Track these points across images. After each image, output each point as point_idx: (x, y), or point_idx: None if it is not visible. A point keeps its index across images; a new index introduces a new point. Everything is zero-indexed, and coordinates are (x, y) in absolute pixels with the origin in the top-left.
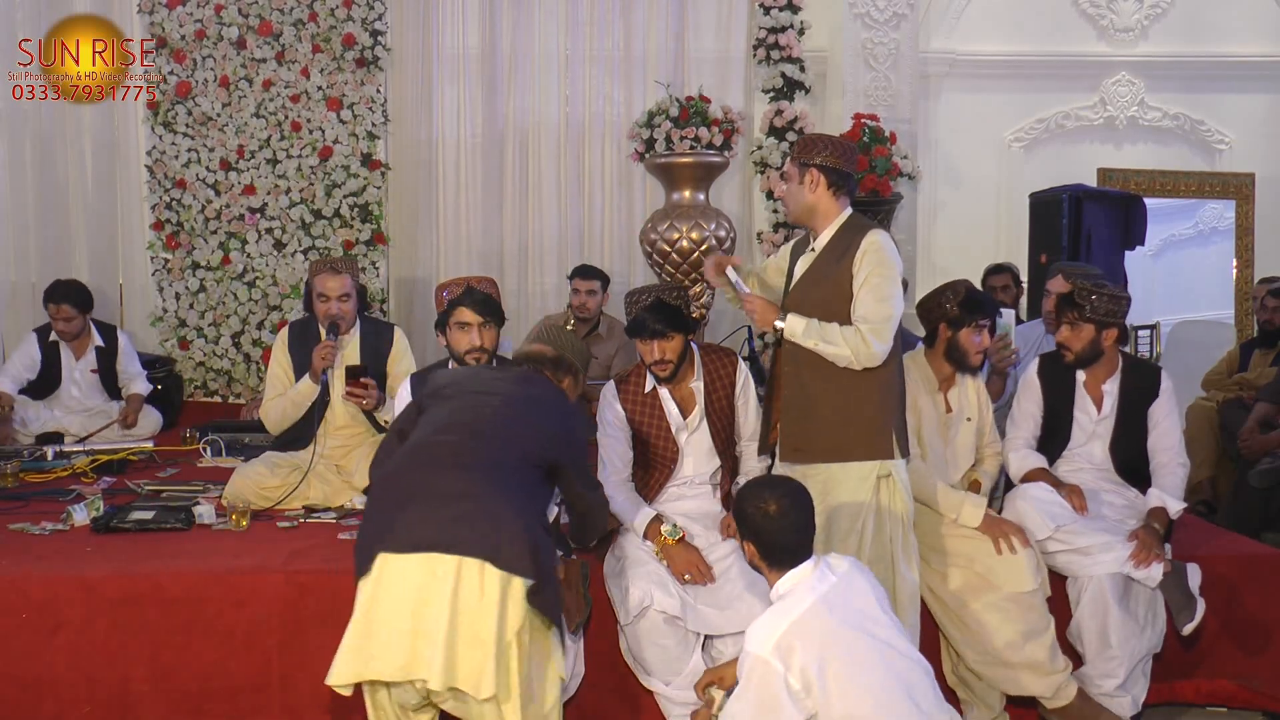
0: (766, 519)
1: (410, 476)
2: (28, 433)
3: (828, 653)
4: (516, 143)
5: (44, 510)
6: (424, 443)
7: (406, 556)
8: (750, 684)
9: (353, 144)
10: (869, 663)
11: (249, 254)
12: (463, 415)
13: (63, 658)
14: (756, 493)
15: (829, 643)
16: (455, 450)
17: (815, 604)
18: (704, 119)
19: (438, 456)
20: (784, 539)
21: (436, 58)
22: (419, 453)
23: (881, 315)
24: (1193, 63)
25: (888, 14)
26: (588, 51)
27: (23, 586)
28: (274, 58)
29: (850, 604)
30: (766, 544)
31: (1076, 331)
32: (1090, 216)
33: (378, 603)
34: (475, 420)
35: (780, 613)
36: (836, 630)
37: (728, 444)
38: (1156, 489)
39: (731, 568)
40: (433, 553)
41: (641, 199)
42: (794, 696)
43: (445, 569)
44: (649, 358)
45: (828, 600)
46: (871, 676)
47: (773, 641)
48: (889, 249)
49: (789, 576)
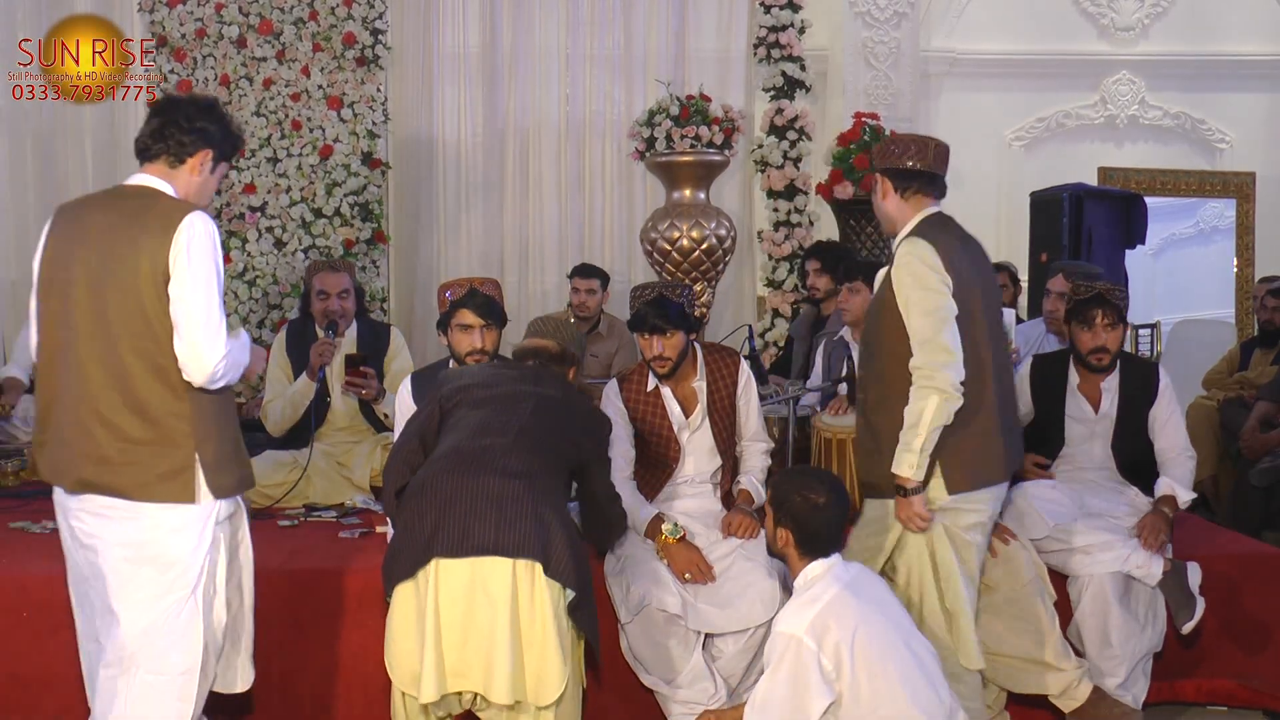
0: (814, 509)
1: (453, 480)
2: (29, 431)
3: (859, 634)
4: (517, 142)
5: (45, 509)
6: (463, 448)
7: (460, 561)
8: (783, 663)
9: (353, 143)
10: (894, 647)
11: (249, 253)
12: (499, 418)
13: (63, 656)
14: (805, 482)
15: (859, 623)
16: (498, 454)
17: (842, 591)
18: (704, 118)
19: (482, 461)
20: (825, 530)
21: (437, 57)
22: (459, 457)
23: (925, 338)
24: (1193, 62)
25: (888, 13)
26: (588, 50)
27: (23, 585)
28: (274, 56)
29: (871, 594)
30: (807, 533)
31: (1115, 332)
32: (1091, 215)
33: (441, 610)
34: (512, 424)
35: (811, 598)
36: (865, 614)
37: (729, 443)
38: (1166, 478)
39: (732, 566)
40: (487, 556)
41: (642, 198)
42: (825, 676)
43: (501, 572)
44: (648, 353)
45: (853, 588)
46: (897, 661)
47: (807, 621)
48: (920, 256)
49: (817, 564)
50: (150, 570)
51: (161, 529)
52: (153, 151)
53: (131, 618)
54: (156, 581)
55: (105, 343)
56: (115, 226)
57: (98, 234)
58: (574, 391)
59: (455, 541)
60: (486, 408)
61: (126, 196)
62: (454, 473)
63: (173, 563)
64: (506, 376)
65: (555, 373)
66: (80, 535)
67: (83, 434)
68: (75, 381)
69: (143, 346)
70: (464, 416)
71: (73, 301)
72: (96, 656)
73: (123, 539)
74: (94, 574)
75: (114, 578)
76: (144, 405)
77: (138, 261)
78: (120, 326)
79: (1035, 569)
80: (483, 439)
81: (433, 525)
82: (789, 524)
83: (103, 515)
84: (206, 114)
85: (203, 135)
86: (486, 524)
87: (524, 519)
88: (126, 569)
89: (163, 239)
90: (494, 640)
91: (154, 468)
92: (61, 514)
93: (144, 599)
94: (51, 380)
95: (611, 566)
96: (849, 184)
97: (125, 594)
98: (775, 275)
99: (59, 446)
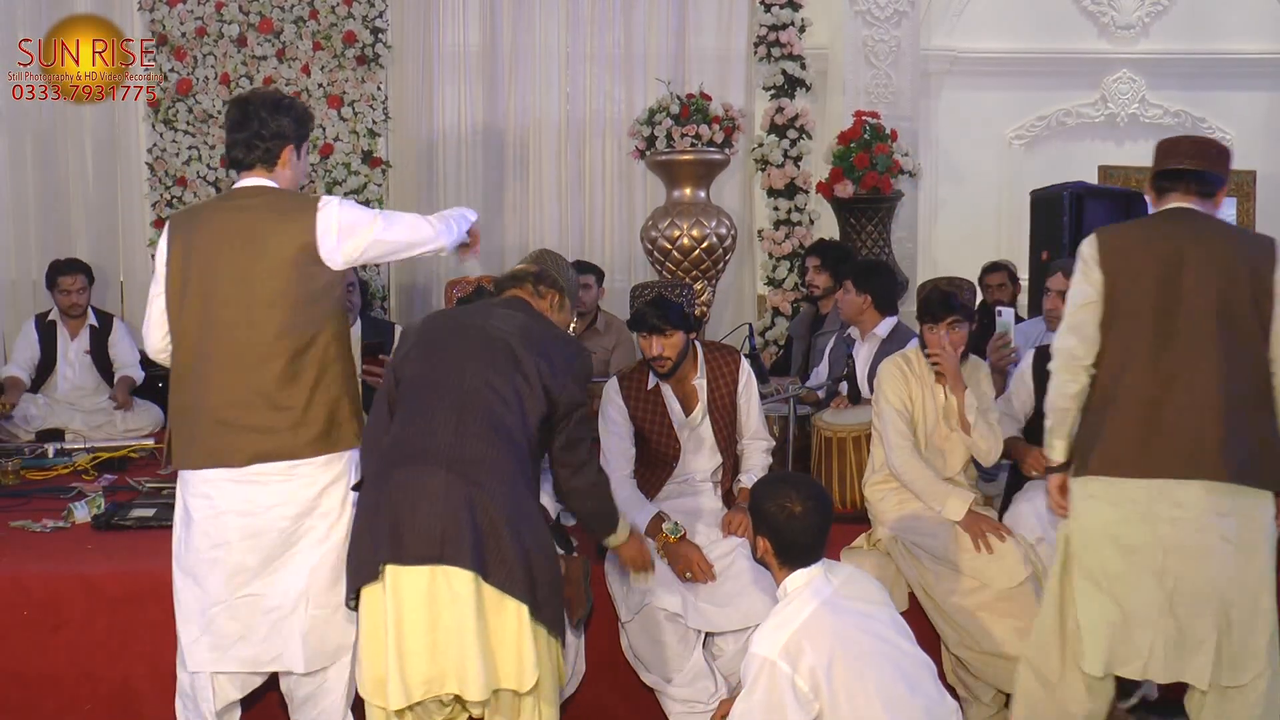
0: (790, 518)
1: (400, 476)
2: (29, 430)
3: (835, 654)
4: (517, 140)
5: (45, 508)
6: (406, 440)
7: (417, 569)
8: (757, 686)
9: (353, 141)
10: (874, 662)
11: None
12: (445, 398)
13: (64, 655)
14: (781, 490)
15: (835, 644)
16: (447, 437)
17: (820, 608)
18: (705, 116)
19: (426, 453)
20: (803, 539)
21: (437, 55)
22: (404, 451)
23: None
24: (1193, 60)
25: (889, 11)
26: (588, 49)
27: (24, 584)
28: (274, 55)
29: (853, 607)
30: (784, 542)
31: None
32: (1091, 214)
33: (402, 618)
34: (458, 404)
35: (787, 617)
36: (842, 631)
37: (729, 442)
38: None
39: (732, 565)
40: (442, 565)
41: (642, 197)
42: (801, 698)
43: (461, 580)
44: (648, 352)
45: (832, 604)
46: (877, 675)
47: (780, 644)
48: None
49: (798, 575)
50: (313, 519)
51: (318, 483)
52: (248, 162)
53: (299, 563)
54: (318, 529)
55: (252, 328)
56: (253, 221)
57: (235, 230)
58: (542, 327)
59: (409, 549)
60: (432, 382)
61: (252, 195)
62: (398, 465)
63: (330, 510)
64: (462, 326)
65: (525, 305)
66: (240, 504)
67: (245, 411)
68: (239, 366)
69: (290, 321)
70: (412, 396)
71: (218, 296)
72: (249, 608)
73: (286, 497)
74: (251, 535)
75: (277, 534)
76: (296, 374)
77: (282, 246)
78: (265, 308)
79: (1031, 568)
80: (428, 426)
81: (387, 527)
82: (767, 533)
83: (269, 480)
84: (276, 112)
85: (280, 136)
86: (437, 529)
87: (465, 526)
88: (288, 524)
89: (306, 222)
90: (463, 641)
91: (314, 426)
92: (202, 491)
93: (309, 546)
94: (195, 370)
95: (612, 565)
96: (849, 183)
97: (293, 543)
98: (775, 274)
99: (218, 431)
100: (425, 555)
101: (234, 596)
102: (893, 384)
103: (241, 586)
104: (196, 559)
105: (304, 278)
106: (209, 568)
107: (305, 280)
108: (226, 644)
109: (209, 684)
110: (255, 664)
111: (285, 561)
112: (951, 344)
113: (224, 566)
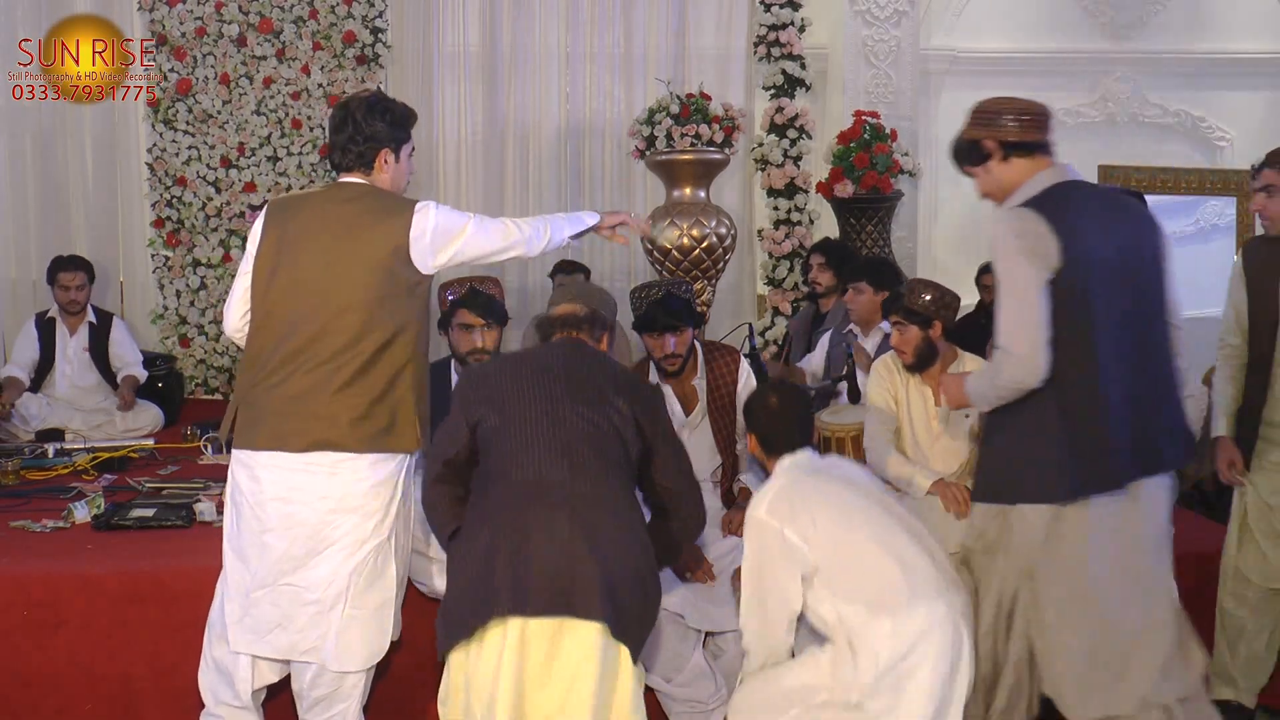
0: (769, 411)
1: (513, 517)
2: (29, 430)
3: (820, 507)
4: (517, 140)
5: (45, 507)
6: (516, 481)
7: (541, 621)
8: (752, 546)
9: None
10: (866, 516)
11: None
12: (544, 440)
13: (64, 655)
14: (760, 391)
15: (820, 499)
16: (555, 487)
17: (805, 475)
18: (704, 116)
19: (540, 496)
20: (783, 427)
21: (437, 55)
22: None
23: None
24: (1193, 59)
25: (888, 11)
26: (588, 49)
27: (24, 584)
28: (274, 55)
29: (839, 474)
30: (767, 433)
31: None
32: None
33: (524, 672)
34: (561, 443)
35: (774, 485)
36: (827, 489)
37: (729, 441)
38: None
39: (732, 565)
40: (565, 617)
41: (642, 196)
42: (790, 549)
43: (588, 632)
44: (659, 352)
45: (817, 473)
46: (868, 527)
47: (767, 503)
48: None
49: (785, 458)
50: (356, 517)
51: (364, 482)
52: (345, 165)
53: (338, 559)
54: (361, 527)
55: (335, 319)
56: (351, 216)
57: (332, 223)
58: (615, 372)
59: (532, 599)
60: (529, 428)
61: (353, 191)
62: (510, 507)
63: (374, 511)
64: (540, 379)
65: (594, 351)
66: (284, 491)
67: (314, 399)
68: (317, 356)
69: (373, 318)
70: (504, 438)
71: (306, 284)
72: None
73: (326, 491)
74: (290, 524)
75: (311, 527)
76: (371, 369)
77: (375, 244)
78: (350, 302)
79: None
80: (537, 468)
81: (499, 578)
82: (754, 429)
83: (317, 471)
84: (371, 115)
85: (373, 140)
86: (559, 578)
87: (593, 575)
88: (321, 518)
89: (402, 223)
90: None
91: (375, 423)
92: (255, 474)
93: (350, 543)
94: (272, 354)
95: None
96: (849, 182)
97: (328, 538)
98: (775, 273)
99: (284, 416)
100: (551, 606)
101: (277, 583)
102: (878, 382)
103: (285, 574)
104: (248, 540)
105: (392, 277)
106: (259, 552)
107: (393, 280)
108: (264, 629)
109: (250, 665)
110: (290, 651)
111: (323, 556)
112: (905, 343)
113: (273, 552)
